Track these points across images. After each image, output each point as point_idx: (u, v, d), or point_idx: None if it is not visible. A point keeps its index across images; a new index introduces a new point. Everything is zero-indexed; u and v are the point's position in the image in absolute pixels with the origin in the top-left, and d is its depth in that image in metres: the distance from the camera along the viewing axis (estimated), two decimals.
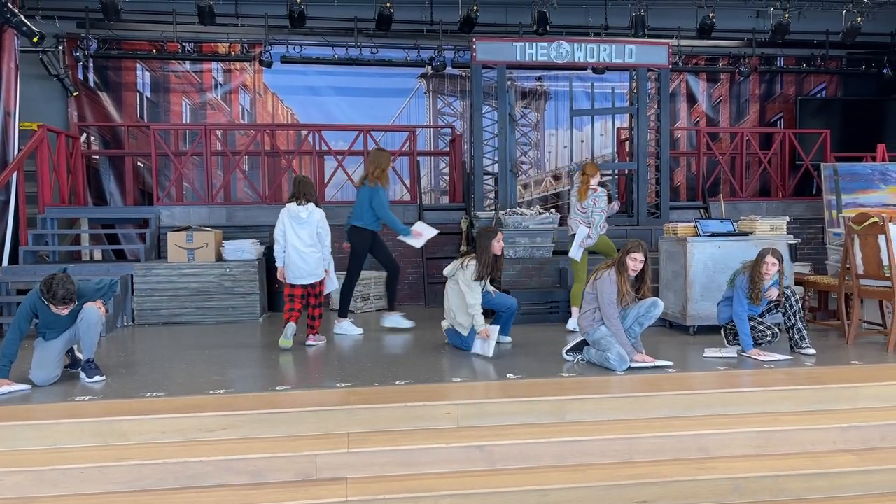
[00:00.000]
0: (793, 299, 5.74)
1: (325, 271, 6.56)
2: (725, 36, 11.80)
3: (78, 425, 4.17)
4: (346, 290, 7.10)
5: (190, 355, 6.12)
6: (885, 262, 5.82)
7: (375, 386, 4.87)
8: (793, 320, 5.75)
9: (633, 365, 5.22)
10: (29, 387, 4.95)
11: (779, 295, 5.74)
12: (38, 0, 10.26)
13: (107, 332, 7.23)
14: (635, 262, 5.28)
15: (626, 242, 5.46)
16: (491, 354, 5.76)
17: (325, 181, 10.03)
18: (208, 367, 5.58)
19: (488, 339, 5.79)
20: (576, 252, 6.93)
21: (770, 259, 5.54)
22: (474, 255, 6.09)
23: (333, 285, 6.76)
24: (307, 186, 6.43)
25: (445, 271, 6.28)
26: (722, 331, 6.00)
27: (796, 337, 5.76)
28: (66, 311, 4.93)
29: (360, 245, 6.96)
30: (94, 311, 5.11)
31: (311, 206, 6.39)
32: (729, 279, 5.83)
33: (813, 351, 5.70)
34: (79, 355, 5.38)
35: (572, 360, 5.56)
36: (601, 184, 7.38)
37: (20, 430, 4.13)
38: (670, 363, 5.30)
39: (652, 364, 5.25)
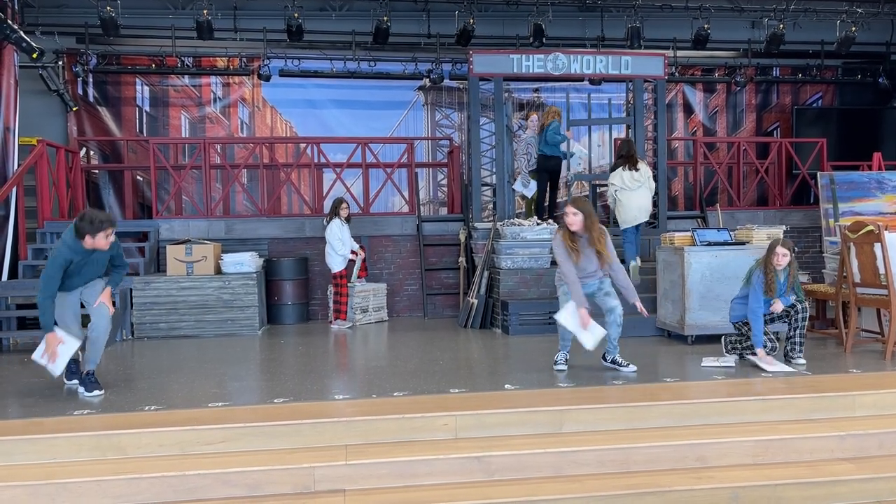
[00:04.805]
0: (801, 314, 5.67)
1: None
2: (721, 46, 11.87)
3: (76, 439, 4.17)
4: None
5: (188, 368, 6.12)
6: (881, 271, 5.83)
7: (373, 398, 4.87)
8: (793, 333, 5.73)
9: (559, 319, 5.51)
10: (80, 341, 5.05)
11: (785, 309, 5.69)
12: (38, 16, 10.34)
13: (106, 345, 7.22)
14: (567, 216, 5.46)
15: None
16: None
17: (325, 193, 10.06)
18: (206, 380, 5.58)
19: None
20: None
21: (780, 250, 5.51)
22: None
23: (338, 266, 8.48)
24: (331, 206, 8.53)
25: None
26: (722, 339, 5.98)
27: (788, 347, 5.76)
28: (112, 238, 4.97)
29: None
30: (105, 315, 5.13)
31: (330, 220, 8.45)
32: (745, 276, 5.76)
33: (803, 362, 5.68)
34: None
35: (563, 369, 5.61)
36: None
37: (18, 445, 4.12)
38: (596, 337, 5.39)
39: (588, 333, 5.37)
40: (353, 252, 8.57)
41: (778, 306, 5.60)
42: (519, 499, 3.88)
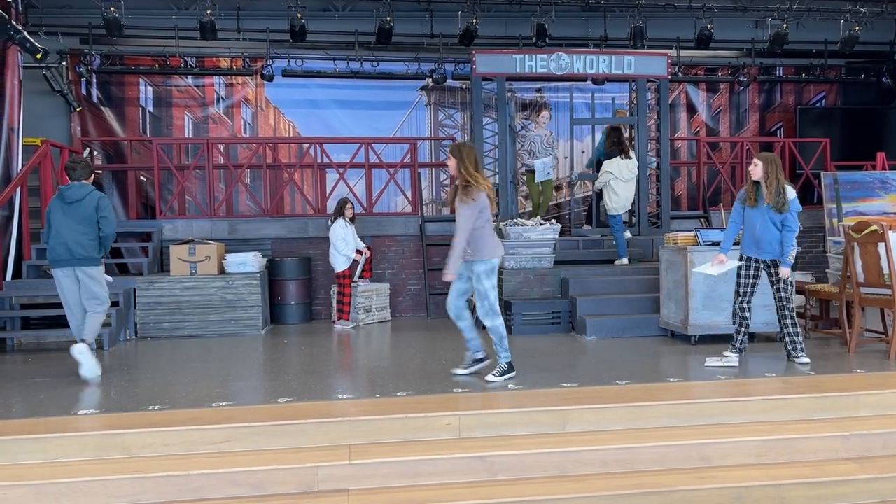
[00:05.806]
0: (784, 301, 5.64)
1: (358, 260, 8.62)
2: (724, 46, 11.85)
3: (80, 439, 4.19)
4: None
5: (192, 368, 6.13)
6: (885, 271, 5.82)
7: (377, 397, 4.88)
8: (783, 331, 5.72)
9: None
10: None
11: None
12: (42, 17, 10.36)
13: (110, 345, 7.25)
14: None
15: None
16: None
17: (328, 193, 10.07)
18: (210, 380, 5.59)
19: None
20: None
21: (754, 160, 5.64)
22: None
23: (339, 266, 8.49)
24: (336, 206, 8.60)
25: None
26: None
27: (789, 347, 5.75)
28: None
29: None
30: None
31: (334, 220, 8.49)
32: None
33: (807, 361, 5.68)
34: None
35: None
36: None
37: (22, 444, 4.14)
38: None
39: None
40: (358, 251, 8.58)
41: (785, 272, 5.56)
42: (523, 499, 3.88)
